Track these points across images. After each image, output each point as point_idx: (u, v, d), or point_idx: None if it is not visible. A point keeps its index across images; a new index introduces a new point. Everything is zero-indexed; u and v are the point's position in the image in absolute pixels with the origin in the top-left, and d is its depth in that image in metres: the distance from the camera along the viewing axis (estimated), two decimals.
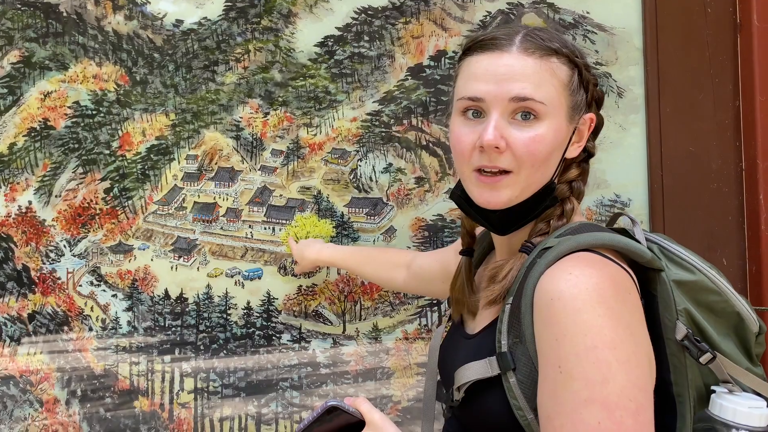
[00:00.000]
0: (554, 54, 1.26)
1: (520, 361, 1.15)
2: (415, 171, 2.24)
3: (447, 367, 1.43)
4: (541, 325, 1.12)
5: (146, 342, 2.33)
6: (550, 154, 1.25)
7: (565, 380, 1.06)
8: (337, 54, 2.30)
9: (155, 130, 2.35)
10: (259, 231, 2.29)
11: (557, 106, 1.25)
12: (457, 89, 1.32)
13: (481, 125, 1.26)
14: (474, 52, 1.29)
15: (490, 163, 1.24)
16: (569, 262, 1.15)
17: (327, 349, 2.27)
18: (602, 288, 1.10)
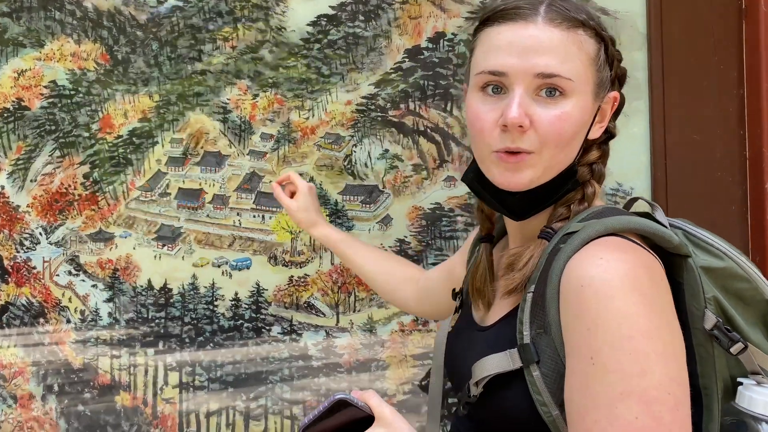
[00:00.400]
0: (581, 26, 1.16)
1: (545, 353, 1.07)
2: (413, 158, 2.13)
3: (458, 362, 1.34)
4: (570, 314, 1.04)
5: (128, 334, 2.20)
6: (575, 134, 1.16)
7: (598, 373, 0.98)
8: (331, 34, 2.18)
9: (138, 112, 2.22)
10: (248, 219, 2.17)
11: (584, 82, 1.16)
12: (475, 62, 1.21)
13: (502, 102, 1.16)
14: (494, 23, 1.18)
15: (512, 143, 1.14)
16: (598, 247, 1.07)
17: (319, 341, 2.16)
18: (635, 274, 1.03)
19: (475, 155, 1.25)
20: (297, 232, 2.18)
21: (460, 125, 2.14)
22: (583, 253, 1.07)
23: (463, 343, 1.34)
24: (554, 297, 1.07)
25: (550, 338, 1.07)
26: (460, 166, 2.13)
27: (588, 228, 1.10)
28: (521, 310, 1.13)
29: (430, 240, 2.12)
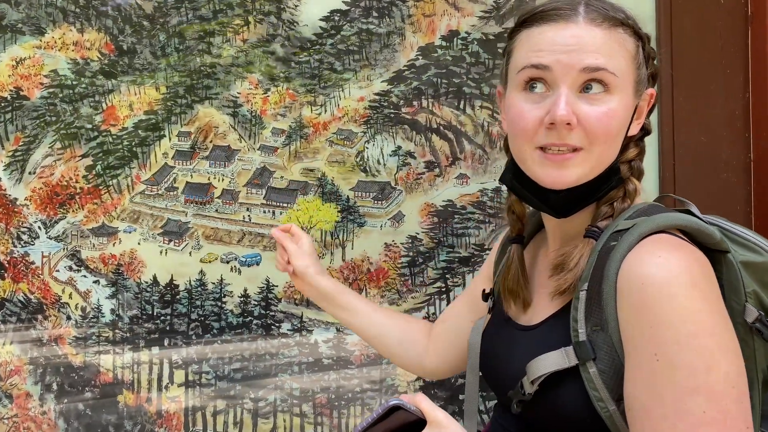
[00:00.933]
0: (621, 25, 1.10)
1: (601, 349, 1.00)
2: (425, 155, 2.00)
3: (500, 362, 1.27)
4: (631, 312, 0.97)
5: (132, 331, 1.96)
6: (620, 130, 1.10)
7: (664, 369, 0.93)
8: (344, 30, 1.98)
9: (144, 104, 1.98)
10: (258, 214, 2.00)
11: (627, 79, 1.10)
12: (516, 62, 1.14)
13: (546, 100, 1.09)
14: (533, 24, 1.11)
15: (559, 141, 1.07)
16: (654, 245, 1.01)
17: (330, 338, 2.01)
18: (692, 271, 0.98)
19: (516, 154, 1.18)
20: (308, 228, 1.97)
21: (472, 123, 1.97)
22: (639, 250, 1.01)
23: (505, 343, 1.27)
24: (611, 294, 1.00)
25: (607, 335, 1.00)
26: (473, 164, 1.98)
27: (640, 226, 1.04)
28: (574, 308, 1.06)
29: (442, 237, 2.00)
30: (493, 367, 1.28)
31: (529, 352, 1.12)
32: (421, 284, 1.95)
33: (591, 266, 1.06)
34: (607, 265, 1.03)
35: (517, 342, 1.21)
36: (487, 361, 1.31)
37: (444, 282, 1.94)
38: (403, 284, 1.96)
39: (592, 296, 1.04)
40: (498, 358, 1.26)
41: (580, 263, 1.09)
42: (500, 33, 1.95)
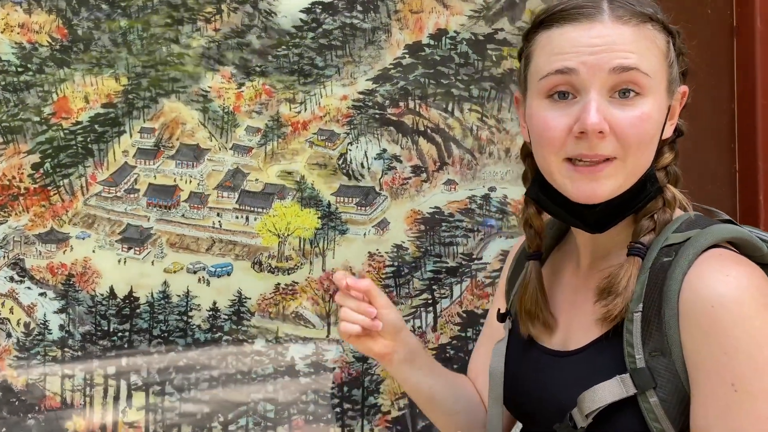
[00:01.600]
0: (649, 20, 0.84)
1: (662, 376, 0.78)
2: (412, 159, 1.49)
3: (533, 391, 0.93)
4: (700, 337, 0.76)
5: (84, 350, 1.54)
6: (654, 135, 0.84)
7: (743, 399, 0.73)
8: (326, 23, 1.62)
9: (101, 96, 1.55)
10: (230, 220, 1.45)
11: (660, 79, 0.84)
12: (536, 68, 0.86)
13: (573, 107, 0.82)
14: (553, 25, 0.84)
15: (590, 151, 0.81)
16: (717, 262, 0.78)
17: (308, 355, 1.46)
18: (761, 290, 0.77)
19: (542, 166, 0.88)
20: (285, 235, 1.60)
21: (461, 127, 1.63)
22: (701, 268, 0.78)
23: (537, 370, 0.93)
24: (674, 317, 0.78)
25: (669, 361, 0.78)
26: (461, 169, 1.51)
27: (696, 240, 0.80)
28: (628, 332, 0.80)
29: (429, 246, 1.48)
30: (526, 395, 0.94)
31: (575, 381, 0.85)
32: (407, 296, 1.49)
33: (643, 285, 0.81)
34: (665, 285, 0.79)
35: (556, 369, 0.90)
36: (516, 389, 0.96)
37: (431, 293, 1.49)
38: (388, 296, 1.63)
39: (650, 319, 0.79)
40: (531, 387, 0.93)
41: (629, 285, 0.82)
42: (490, 34, 1.52)
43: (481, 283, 1.49)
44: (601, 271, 0.88)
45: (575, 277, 0.95)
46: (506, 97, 1.53)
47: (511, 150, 1.52)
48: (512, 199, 1.52)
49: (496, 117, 1.52)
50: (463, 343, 1.48)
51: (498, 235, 1.51)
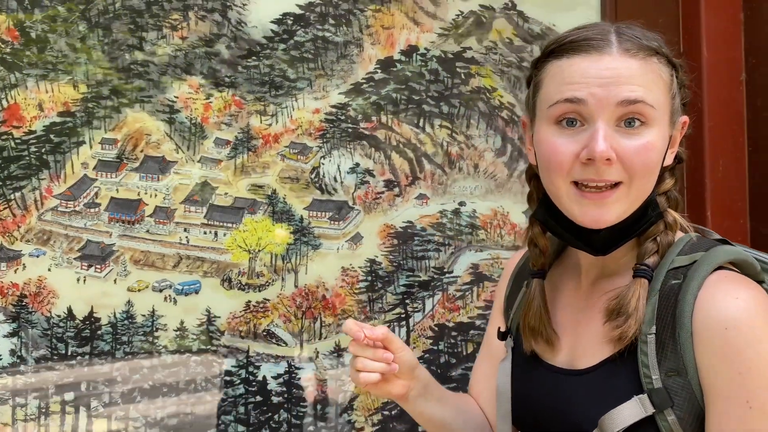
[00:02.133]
0: (655, 54, 0.79)
1: (678, 396, 0.73)
2: (384, 173, 1.33)
3: (540, 408, 0.86)
4: (715, 358, 0.71)
5: (39, 376, 1.29)
6: (658, 162, 0.79)
7: (757, 416, 0.70)
8: (298, 35, 1.44)
9: (57, 103, 1.31)
10: (198, 236, 1.25)
11: (663, 111, 0.79)
12: (545, 96, 0.80)
13: (580, 135, 0.77)
14: (563, 55, 0.79)
15: (598, 176, 0.76)
16: (725, 284, 0.74)
17: (280, 374, 1.28)
18: None
19: (549, 190, 0.82)
20: (256, 251, 1.42)
21: (432, 142, 1.49)
22: (711, 291, 0.73)
23: (545, 388, 0.85)
24: (688, 338, 0.73)
25: (686, 381, 0.74)
26: (432, 184, 1.37)
27: (703, 263, 0.76)
28: (643, 353, 0.75)
29: (402, 260, 1.32)
30: (536, 414, 0.86)
31: (590, 401, 0.79)
32: (380, 311, 1.33)
33: (654, 308, 0.76)
34: (678, 308, 0.74)
35: (568, 388, 0.82)
36: (525, 407, 0.88)
37: (404, 308, 1.34)
38: (362, 311, 1.32)
39: (664, 341, 0.74)
40: (543, 405, 0.85)
41: (639, 306, 0.76)
42: (459, 52, 1.39)
43: (452, 297, 1.36)
44: (606, 293, 0.82)
45: (577, 296, 0.88)
46: (474, 114, 1.40)
47: (479, 166, 1.40)
48: (481, 214, 1.39)
49: (465, 133, 1.39)
50: (435, 356, 1.34)
51: (468, 249, 1.38)
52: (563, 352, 0.86)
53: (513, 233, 1.38)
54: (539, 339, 0.87)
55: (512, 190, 1.38)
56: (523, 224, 1.40)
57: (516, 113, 1.40)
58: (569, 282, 0.89)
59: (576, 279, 0.88)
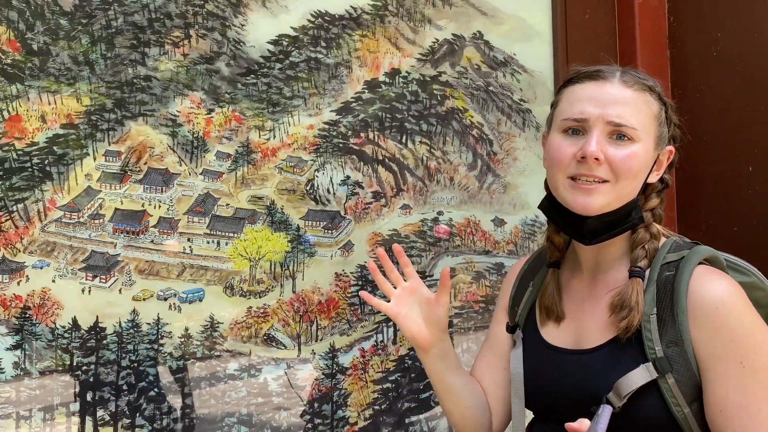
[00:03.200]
0: (649, 90, 0.99)
1: (677, 362, 0.90)
2: (372, 185, 1.43)
3: (552, 384, 1.01)
4: (710, 331, 0.89)
5: (43, 387, 1.26)
6: (639, 170, 0.97)
7: (750, 373, 0.87)
8: (293, 55, 1.51)
9: (61, 115, 1.30)
10: (201, 245, 1.28)
11: (648, 132, 0.98)
12: (561, 111, 1.01)
13: (580, 140, 0.96)
14: (578, 82, 1.00)
15: (588, 172, 0.95)
16: (709, 275, 0.92)
17: (280, 375, 1.34)
18: (743, 293, 0.93)
19: (551, 183, 1.01)
20: (256, 259, 1.46)
21: (413, 157, 1.59)
22: (701, 280, 0.92)
23: (560, 368, 1.01)
24: (684, 315, 0.91)
25: (682, 350, 0.90)
26: (414, 195, 1.46)
27: (690, 259, 0.94)
28: (647, 330, 0.93)
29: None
30: (548, 390, 1.01)
31: (602, 372, 0.94)
32: (370, 312, 1.42)
33: (653, 294, 0.94)
34: (675, 293, 0.92)
35: (579, 364, 0.97)
36: (537, 387, 1.02)
37: None
38: (353, 314, 1.41)
39: (664, 319, 0.92)
40: (555, 381, 0.99)
41: (639, 300, 0.93)
42: (435, 75, 1.51)
43: None
44: (606, 286, 1.00)
45: (581, 288, 1.04)
46: (449, 132, 1.55)
47: (454, 178, 1.54)
48: (456, 222, 1.53)
49: (442, 149, 1.53)
50: None
51: (445, 254, 1.51)
52: (569, 336, 1.02)
53: (484, 240, 1.53)
54: (551, 316, 1.04)
55: (482, 200, 1.53)
56: (491, 231, 1.56)
57: (484, 132, 1.55)
58: (574, 277, 1.05)
59: (579, 275, 1.05)
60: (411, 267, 1.09)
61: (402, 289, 1.07)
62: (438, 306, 1.06)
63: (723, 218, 1.44)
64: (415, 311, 1.06)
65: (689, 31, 1.57)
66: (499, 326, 1.12)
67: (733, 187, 1.43)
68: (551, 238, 1.07)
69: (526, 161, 1.60)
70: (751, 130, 1.38)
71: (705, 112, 1.51)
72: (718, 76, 1.47)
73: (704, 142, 1.51)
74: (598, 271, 1.02)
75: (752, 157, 1.38)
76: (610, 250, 1.00)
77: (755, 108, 1.36)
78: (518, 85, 1.58)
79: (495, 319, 1.14)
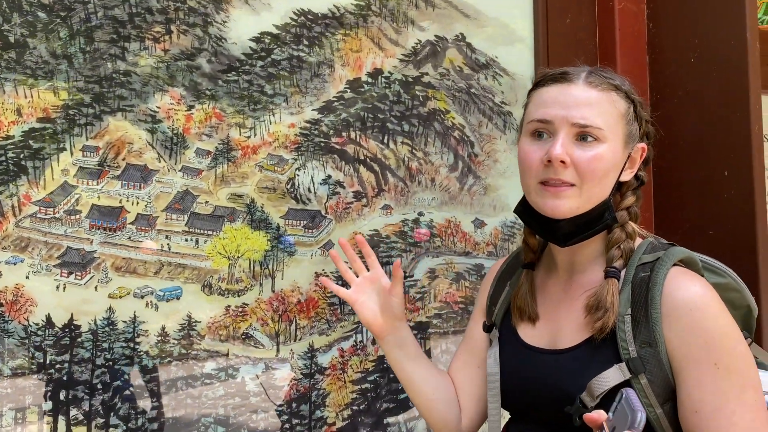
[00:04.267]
0: (615, 89, 0.98)
1: (650, 363, 0.90)
2: (353, 185, 1.42)
3: (536, 385, 0.99)
4: (684, 332, 0.89)
5: (15, 386, 1.23)
6: (607, 171, 0.96)
7: (724, 374, 0.87)
8: (275, 53, 1.50)
9: (37, 109, 1.27)
10: (179, 243, 1.27)
11: (614, 132, 0.96)
12: (528, 114, 1.01)
13: (547, 144, 0.96)
14: (545, 84, 1.00)
15: (555, 176, 0.94)
16: (683, 276, 0.92)
17: (258, 375, 1.34)
18: (717, 296, 0.93)
19: (523, 188, 1.01)
20: (235, 257, 1.45)
21: (395, 157, 1.59)
22: (675, 282, 0.91)
23: (536, 368, 1.00)
24: (658, 317, 0.90)
25: (655, 350, 0.90)
26: (395, 195, 1.48)
27: (665, 260, 0.94)
28: (621, 330, 0.92)
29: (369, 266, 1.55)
30: (525, 389, 1.00)
31: (576, 372, 0.94)
32: (350, 312, 1.41)
33: (628, 295, 0.93)
34: (649, 294, 0.92)
35: (554, 364, 0.97)
36: (516, 385, 1.02)
37: None
38: (333, 313, 1.40)
39: (639, 320, 0.91)
40: (531, 381, 0.99)
41: (614, 300, 0.93)
42: (417, 76, 1.51)
43: (413, 298, 1.49)
44: (582, 287, 1.00)
45: (556, 290, 1.04)
46: (431, 133, 1.55)
47: (435, 179, 1.54)
48: (437, 223, 1.54)
49: (423, 150, 1.53)
50: None
51: (426, 255, 1.51)
52: (545, 336, 1.02)
53: (464, 241, 1.53)
54: (524, 316, 1.04)
55: (463, 202, 1.53)
56: (471, 233, 1.56)
57: (465, 134, 1.56)
58: (550, 278, 1.06)
59: (556, 276, 1.05)
60: (373, 257, 1.12)
61: (363, 277, 1.12)
62: (392, 296, 1.08)
63: (700, 221, 1.46)
64: (373, 300, 1.10)
65: (668, 37, 1.59)
66: (476, 325, 1.12)
67: (709, 191, 1.45)
68: (526, 240, 1.08)
69: (507, 163, 1.60)
70: (726, 135, 1.40)
71: (683, 117, 1.53)
72: (695, 82, 1.50)
73: (681, 146, 1.53)
74: (573, 271, 1.02)
75: (728, 161, 1.40)
76: (586, 250, 1.00)
77: (731, 114, 1.39)
78: (500, 88, 1.59)
79: (473, 318, 1.14)
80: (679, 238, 1.47)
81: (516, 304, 1.06)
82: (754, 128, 1.34)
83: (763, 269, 1.32)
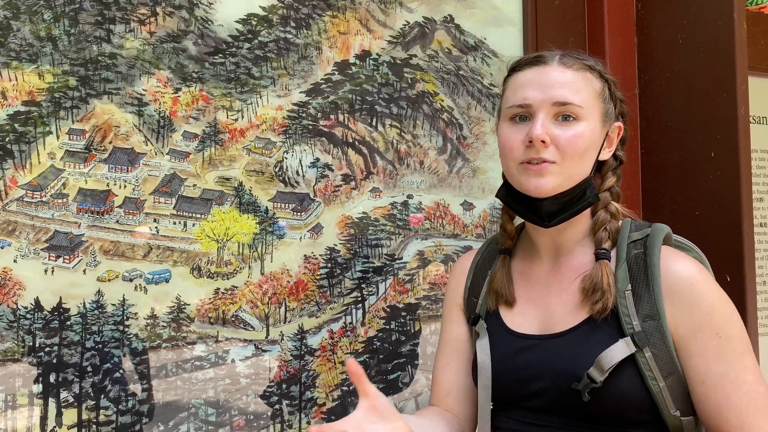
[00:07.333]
0: (589, 69, 1.01)
1: (653, 336, 0.93)
2: (342, 168, 1.43)
3: (523, 371, 1.00)
4: (686, 306, 0.93)
5: (5, 369, 1.24)
6: (587, 149, 0.98)
7: (725, 342, 0.92)
8: (262, 35, 1.50)
9: (22, 92, 1.27)
10: (167, 226, 1.28)
11: (593, 110, 0.99)
12: (506, 99, 1.03)
13: (527, 126, 0.98)
14: (520, 69, 1.02)
15: (536, 155, 0.96)
16: (676, 254, 0.97)
17: (248, 357, 1.35)
18: (707, 270, 0.99)
19: (505, 171, 1.03)
20: (224, 240, 1.45)
21: (383, 140, 1.61)
22: (672, 258, 0.96)
23: (533, 352, 1.00)
24: (660, 290, 0.94)
25: (659, 324, 0.93)
26: (384, 178, 1.48)
27: (655, 237, 0.98)
28: (623, 306, 0.95)
29: (358, 248, 1.43)
30: (519, 376, 1.00)
31: (579, 352, 0.94)
32: (339, 294, 1.43)
33: (625, 272, 0.96)
34: (648, 269, 0.95)
35: (552, 348, 0.97)
36: (508, 373, 1.01)
37: (360, 292, 1.45)
38: (322, 296, 1.41)
39: (640, 294, 0.94)
40: (526, 368, 0.99)
41: (610, 282, 0.95)
42: (406, 58, 1.51)
43: (402, 281, 1.50)
44: (572, 269, 1.02)
45: (542, 274, 1.05)
46: (419, 116, 1.56)
47: (424, 162, 1.55)
48: (426, 206, 1.55)
49: (412, 133, 1.54)
50: (387, 335, 1.47)
51: (415, 237, 1.53)
52: (535, 322, 1.02)
53: (453, 223, 1.54)
54: (500, 300, 1.06)
55: (452, 184, 1.54)
56: (460, 215, 1.57)
57: (454, 116, 1.56)
58: (533, 264, 1.07)
59: (539, 261, 1.06)
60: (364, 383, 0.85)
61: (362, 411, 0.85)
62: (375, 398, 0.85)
63: (686, 202, 1.48)
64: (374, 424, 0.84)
65: (656, 18, 1.59)
66: (456, 326, 1.11)
67: (696, 172, 1.47)
68: (504, 226, 1.11)
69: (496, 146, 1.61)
70: (713, 116, 1.41)
71: (670, 98, 1.54)
72: (682, 63, 1.51)
73: (669, 127, 1.54)
74: (559, 255, 1.04)
75: (714, 143, 1.42)
76: (570, 233, 1.02)
77: (717, 95, 1.40)
78: (488, 70, 1.60)
79: (449, 319, 1.12)
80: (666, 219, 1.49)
81: (493, 288, 1.07)
82: (740, 110, 1.35)
83: (748, 249, 1.35)
